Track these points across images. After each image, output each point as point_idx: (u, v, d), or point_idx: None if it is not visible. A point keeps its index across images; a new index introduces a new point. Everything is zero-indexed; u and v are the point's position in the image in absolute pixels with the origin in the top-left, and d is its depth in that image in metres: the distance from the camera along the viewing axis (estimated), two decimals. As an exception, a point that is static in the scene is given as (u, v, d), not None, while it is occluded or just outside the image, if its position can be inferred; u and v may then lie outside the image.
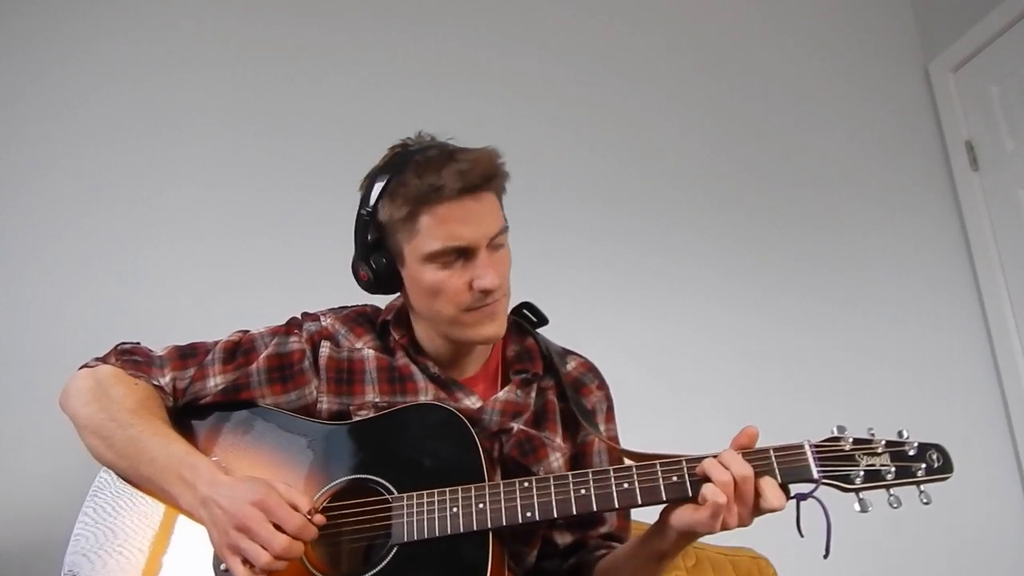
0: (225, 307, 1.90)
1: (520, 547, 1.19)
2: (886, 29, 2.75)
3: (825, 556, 1.00)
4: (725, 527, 0.98)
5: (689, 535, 1.02)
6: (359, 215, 1.16)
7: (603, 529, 1.23)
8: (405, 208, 1.09)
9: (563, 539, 1.23)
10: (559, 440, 1.22)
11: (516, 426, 1.18)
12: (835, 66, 2.67)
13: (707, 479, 0.98)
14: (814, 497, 0.98)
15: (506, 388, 1.22)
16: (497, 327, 1.15)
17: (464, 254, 1.10)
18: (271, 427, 1.17)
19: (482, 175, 1.09)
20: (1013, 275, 2.42)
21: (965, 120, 2.58)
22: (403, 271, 1.16)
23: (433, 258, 1.10)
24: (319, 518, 1.03)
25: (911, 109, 2.67)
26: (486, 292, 1.10)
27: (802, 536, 0.99)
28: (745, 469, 0.97)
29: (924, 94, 2.69)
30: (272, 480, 1.03)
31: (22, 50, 2.13)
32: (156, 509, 1.10)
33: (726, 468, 0.97)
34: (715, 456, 1.00)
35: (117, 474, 1.13)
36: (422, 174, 1.08)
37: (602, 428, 1.27)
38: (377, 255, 1.16)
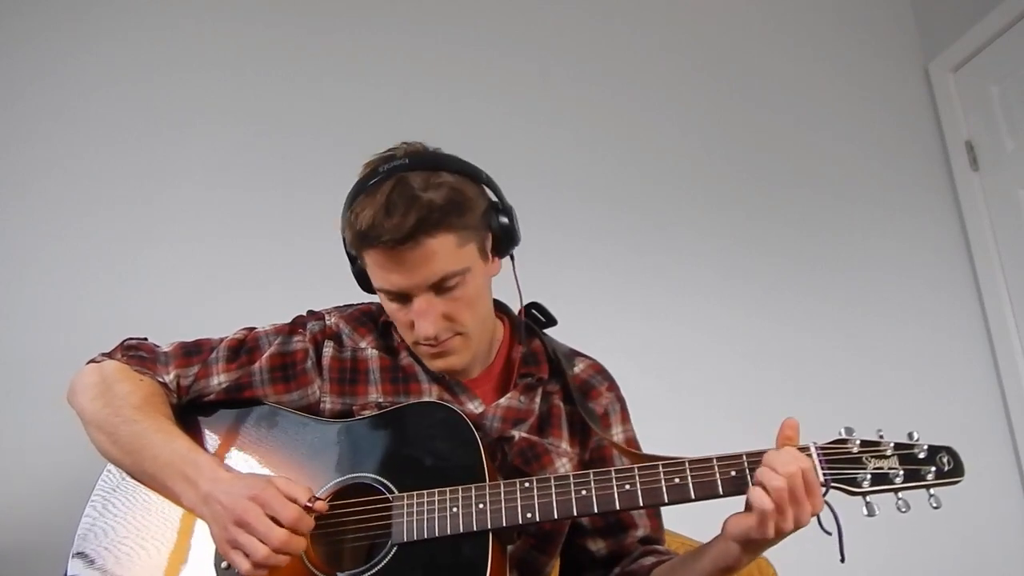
0: (225, 307, 1.89)
1: (538, 555, 1.17)
2: (886, 29, 2.75)
3: (842, 560, 0.97)
4: (780, 532, 0.94)
5: (749, 546, 0.98)
6: (341, 227, 1.17)
7: (639, 533, 1.20)
8: (351, 241, 1.11)
9: (596, 546, 1.20)
10: (565, 445, 1.20)
11: (518, 434, 1.17)
12: (835, 66, 2.67)
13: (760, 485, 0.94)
14: (825, 501, 0.96)
15: (508, 395, 1.20)
16: (449, 363, 1.15)
17: (401, 297, 1.11)
18: (274, 425, 1.17)
19: (410, 231, 1.03)
20: (1013, 275, 2.42)
21: (965, 120, 2.58)
22: None
23: (379, 291, 1.13)
24: (320, 504, 1.03)
25: (911, 109, 2.67)
26: (423, 337, 1.11)
27: (828, 534, 0.95)
28: (790, 466, 0.93)
29: (924, 94, 2.69)
30: (273, 476, 1.04)
31: (22, 50, 2.13)
32: (160, 506, 1.10)
33: (775, 471, 0.93)
34: (761, 457, 0.96)
35: (122, 470, 1.13)
36: (359, 215, 1.06)
37: (619, 429, 1.25)
38: (356, 265, 1.18)
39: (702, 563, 1.04)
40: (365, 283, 1.18)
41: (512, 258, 1.21)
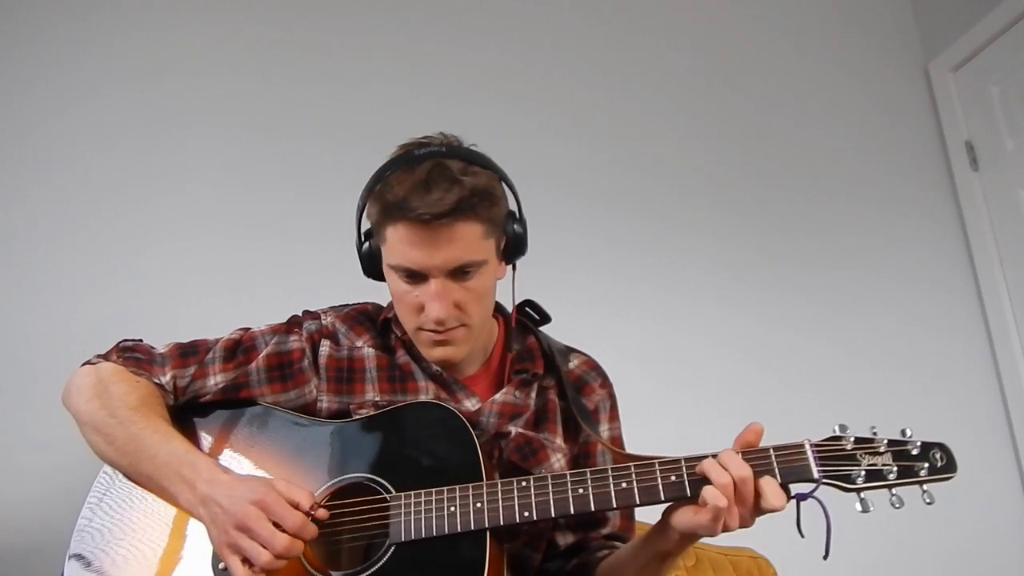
0: (224, 308, 1.90)
1: (530, 552, 1.18)
2: (886, 29, 2.75)
3: (825, 557, 0.99)
4: (726, 529, 0.97)
5: (691, 536, 1.01)
6: (359, 204, 1.17)
7: (605, 530, 1.23)
8: (376, 215, 1.11)
9: (565, 539, 1.22)
10: (559, 441, 1.22)
11: (514, 429, 1.18)
12: (835, 66, 2.67)
13: (707, 480, 0.97)
14: (814, 497, 0.97)
15: (503, 390, 1.21)
16: (449, 353, 1.16)
17: (417, 277, 1.11)
18: (271, 425, 1.17)
19: (445, 209, 1.05)
20: (1013, 275, 2.42)
21: (965, 120, 2.58)
22: (383, 267, 1.18)
23: (393, 269, 1.12)
24: (322, 512, 1.03)
25: (911, 109, 2.67)
26: (433, 320, 1.11)
27: (803, 536, 0.98)
28: (744, 470, 0.95)
29: (924, 94, 2.69)
30: (272, 478, 1.03)
31: (24, 51, 2.12)
32: (156, 507, 1.10)
33: (725, 469, 0.96)
34: (714, 456, 0.98)
35: (118, 471, 1.13)
36: (394, 186, 1.08)
37: (606, 426, 1.26)
38: (367, 246, 1.18)
39: (643, 551, 1.09)
40: (371, 266, 1.18)
41: (514, 268, 1.23)
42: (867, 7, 2.77)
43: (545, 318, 1.30)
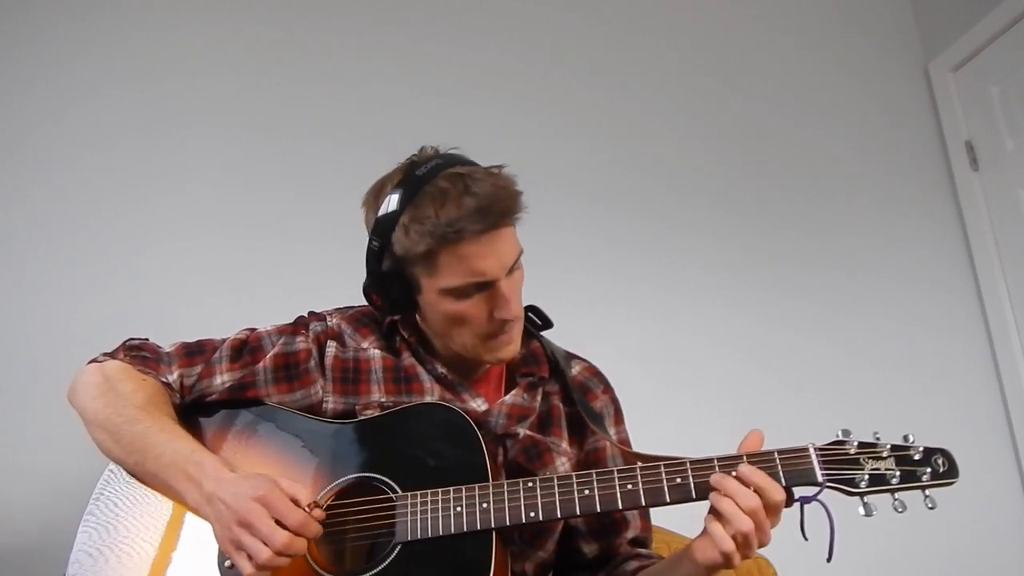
0: (226, 308, 1.90)
1: (526, 548, 1.18)
2: (886, 29, 2.75)
3: (828, 560, 1.00)
4: (745, 559, 0.97)
5: (714, 568, 1.00)
6: (371, 246, 1.13)
7: (629, 534, 1.22)
8: (423, 245, 1.07)
9: (589, 548, 1.21)
10: (565, 445, 1.22)
11: (522, 431, 1.18)
12: (835, 66, 2.68)
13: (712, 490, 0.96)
14: (818, 500, 0.98)
15: (513, 392, 1.22)
16: (513, 349, 1.17)
17: (484, 287, 1.10)
18: (277, 425, 1.17)
19: (501, 212, 1.07)
20: (1013, 275, 2.42)
21: (965, 120, 2.59)
22: (420, 298, 1.15)
23: (452, 292, 1.10)
24: (318, 512, 1.03)
25: (911, 109, 2.68)
26: (505, 321, 1.12)
27: (806, 539, 0.98)
28: (751, 501, 0.95)
29: (924, 94, 2.69)
30: (276, 476, 1.03)
31: (24, 52, 2.12)
32: (162, 505, 1.11)
33: (739, 509, 0.95)
34: (735, 471, 0.98)
35: (124, 469, 1.13)
36: (439, 210, 1.05)
37: (612, 431, 1.27)
38: (392, 284, 1.14)
39: (679, 571, 1.07)
40: (401, 297, 1.14)
41: None
42: (867, 7, 2.77)
43: (547, 323, 1.29)
